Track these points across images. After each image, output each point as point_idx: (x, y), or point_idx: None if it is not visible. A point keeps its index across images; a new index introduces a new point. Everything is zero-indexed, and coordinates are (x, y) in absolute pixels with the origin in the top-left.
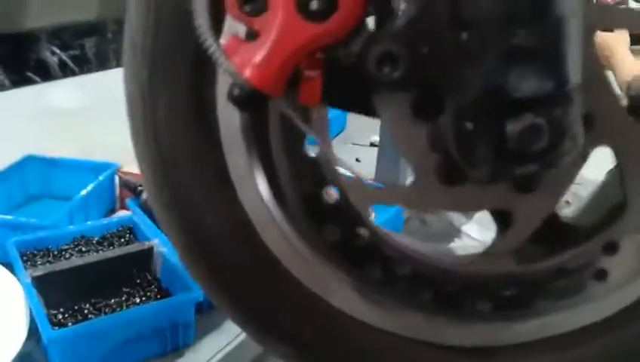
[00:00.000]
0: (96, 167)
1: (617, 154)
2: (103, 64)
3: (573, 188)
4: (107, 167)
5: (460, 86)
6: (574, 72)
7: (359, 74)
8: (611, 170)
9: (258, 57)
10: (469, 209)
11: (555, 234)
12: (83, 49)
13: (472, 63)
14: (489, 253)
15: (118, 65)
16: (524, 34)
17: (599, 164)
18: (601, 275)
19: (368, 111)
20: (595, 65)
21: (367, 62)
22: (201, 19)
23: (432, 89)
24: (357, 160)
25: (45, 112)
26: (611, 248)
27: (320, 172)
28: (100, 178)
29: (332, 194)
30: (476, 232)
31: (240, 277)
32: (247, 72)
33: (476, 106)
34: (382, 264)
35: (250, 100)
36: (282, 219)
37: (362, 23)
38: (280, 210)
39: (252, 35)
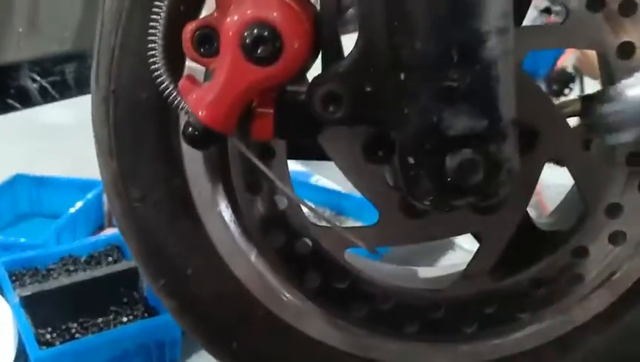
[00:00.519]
0: (85, 185)
1: (566, 164)
2: (82, 89)
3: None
4: (95, 185)
5: (401, 123)
6: (507, 108)
7: (307, 111)
8: None
9: (209, 98)
10: (436, 238)
11: (534, 243)
12: (63, 75)
13: (410, 102)
14: (466, 274)
15: None
16: (456, 76)
17: None
18: (578, 280)
19: (324, 154)
20: (532, 84)
21: (313, 101)
22: (159, 64)
23: (376, 127)
24: None
25: (32, 133)
26: (582, 252)
27: (290, 224)
28: (89, 196)
29: (306, 244)
30: (470, 244)
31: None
32: (200, 112)
33: (416, 143)
34: (366, 303)
35: (202, 138)
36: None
37: (309, 65)
38: (260, 261)
39: (209, 76)
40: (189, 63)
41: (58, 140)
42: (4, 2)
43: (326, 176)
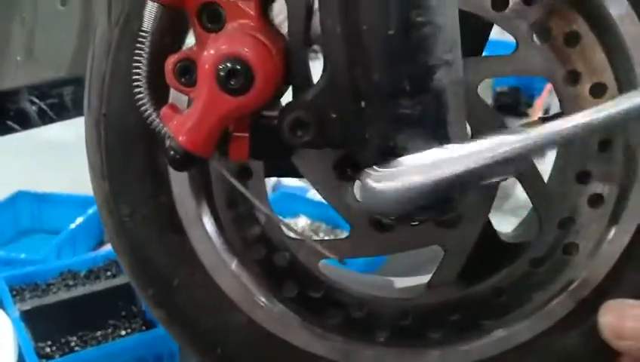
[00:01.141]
0: (85, 201)
1: (520, 181)
2: (80, 111)
3: None
4: (95, 201)
5: (363, 146)
6: (458, 132)
7: (279, 134)
8: None
9: (188, 124)
10: (402, 250)
11: (496, 253)
12: (61, 97)
13: (370, 127)
14: (431, 284)
15: None
16: (409, 104)
17: None
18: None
19: (295, 171)
20: (486, 109)
21: (282, 127)
22: (143, 93)
23: (340, 149)
24: None
25: (32, 151)
26: (539, 262)
27: (269, 238)
28: (89, 212)
29: (284, 256)
30: None
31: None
32: (180, 137)
33: (376, 163)
34: (339, 310)
35: (183, 161)
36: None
37: (281, 92)
38: (242, 272)
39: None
40: (172, 91)
41: (58, 158)
42: (3, 33)
43: None
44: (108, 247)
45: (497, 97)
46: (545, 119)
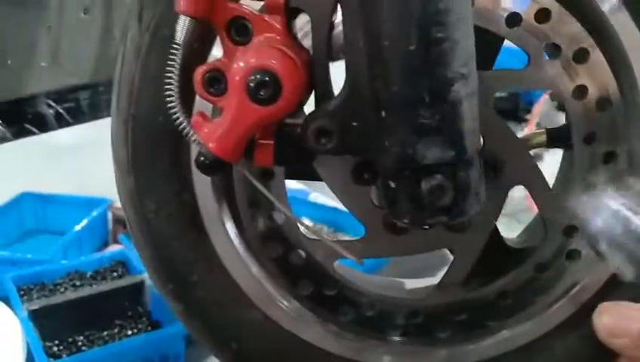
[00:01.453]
0: (90, 203)
1: (529, 190)
2: (95, 115)
3: None
4: (100, 203)
5: (383, 153)
6: (472, 141)
7: (303, 142)
8: None
9: (219, 132)
10: (415, 252)
11: (502, 258)
12: (78, 102)
13: (390, 136)
14: (441, 285)
15: (108, 114)
16: (428, 114)
17: None
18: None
19: (318, 176)
20: (499, 121)
21: (307, 134)
22: (175, 102)
23: (361, 156)
24: None
25: (36, 154)
26: (543, 268)
27: (287, 237)
28: (94, 213)
29: (300, 255)
30: None
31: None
32: (210, 144)
33: (395, 170)
34: (353, 309)
35: (212, 166)
36: (262, 278)
37: (304, 101)
38: (259, 270)
39: (217, 111)
40: (198, 100)
41: (61, 162)
42: (30, 40)
43: (324, 194)
44: (113, 248)
45: (497, 103)
46: (550, 131)
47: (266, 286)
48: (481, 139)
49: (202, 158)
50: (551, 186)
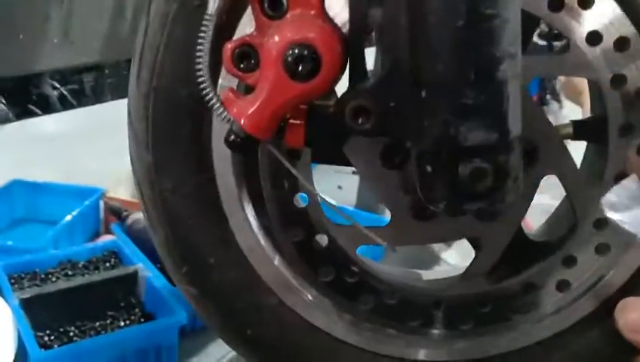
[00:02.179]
0: (82, 192)
1: (561, 180)
2: (99, 98)
3: None
4: (93, 192)
5: (421, 135)
6: (515, 124)
7: (336, 122)
8: None
9: (252, 109)
10: (441, 240)
11: (524, 251)
12: (82, 84)
13: (430, 117)
14: (465, 276)
15: (112, 98)
16: (472, 94)
17: None
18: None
19: (345, 160)
20: (535, 107)
21: (344, 113)
22: (205, 77)
23: (397, 138)
24: (339, 187)
25: (31, 140)
26: (571, 261)
27: (310, 221)
28: (86, 203)
29: (323, 240)
30: (455, 259)
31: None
32: (243, 121)
33: (434, 153)
34: (373, 297)
35: (243, 144)
36: (280, 263)
37: (337, 81)
38: (277, 255)
39: (245, 88)
40: (223, 76)
41: (49, 150)
42: (42, 13)
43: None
44: (105, 238)
45: None
46: (577, 122)
47: (284, 272)
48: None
49: (233, 136)
50: None
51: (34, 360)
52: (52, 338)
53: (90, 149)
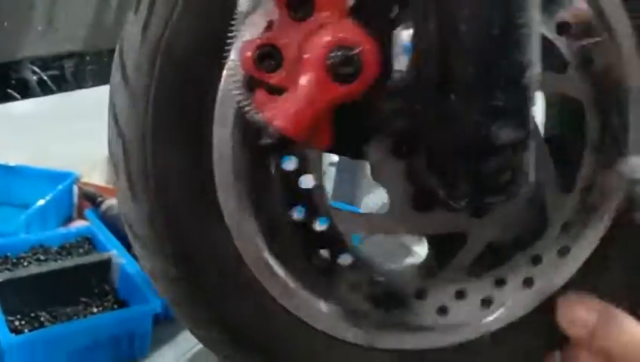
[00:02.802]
0: (55, 176)
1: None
2: (80, 84)
3: None
4: (66, 176)
5: (448, 136)
6: (532, 122)
7: (365, 122)
8: None
9: (291, 110)
10: (435, 231)
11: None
12: (62, 70)
13: (458, 118)
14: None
15: (93, 85)
16: (502, 97)
17: None
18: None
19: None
20: None
21: (375, 114)
22: (236, 78)
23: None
24: None
25: (6, 123)
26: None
27: (313, 202)
28: (60, 187)
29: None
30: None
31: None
32: (280, 123)
33: (459, 152)
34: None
35: (279, 146)
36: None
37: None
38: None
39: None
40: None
41: (16, 132)
42: (27, 1)
43: None
44: (78, 224)
45: None
46: None
47: (274, 267)
48: None
49: (265, 139)
50: None
51: (4, 345)
52: (23, 322)
53: (66, 133)
